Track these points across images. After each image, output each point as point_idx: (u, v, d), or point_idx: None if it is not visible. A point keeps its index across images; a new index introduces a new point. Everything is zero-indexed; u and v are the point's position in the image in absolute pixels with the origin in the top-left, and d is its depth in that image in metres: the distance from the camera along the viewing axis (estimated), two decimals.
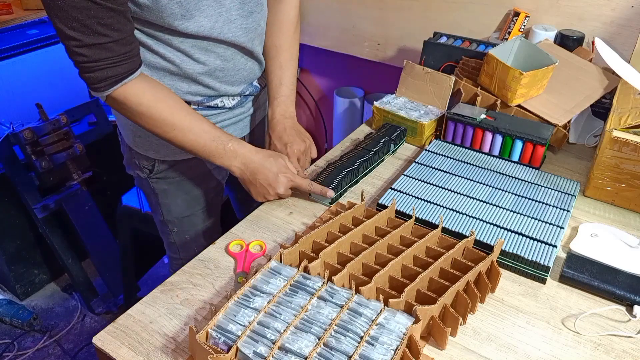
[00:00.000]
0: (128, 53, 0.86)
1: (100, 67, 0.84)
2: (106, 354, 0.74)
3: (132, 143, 1.10)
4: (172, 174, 1.13)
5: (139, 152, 1.10)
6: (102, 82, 0.86)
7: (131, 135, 1.09)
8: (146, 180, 1.15)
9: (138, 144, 1.09)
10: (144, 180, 1.16)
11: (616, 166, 1.02)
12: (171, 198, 1.16)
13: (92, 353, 1.90)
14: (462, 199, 1.00)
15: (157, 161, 1.11)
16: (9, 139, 1.74)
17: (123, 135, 1.12)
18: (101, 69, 0.84)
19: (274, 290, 0.75)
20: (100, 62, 0.84)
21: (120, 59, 0.85)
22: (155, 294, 0.84)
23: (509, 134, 1.11)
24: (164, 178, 1.14)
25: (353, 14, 1.91)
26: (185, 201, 1.18)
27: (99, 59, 0.83)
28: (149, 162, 1.12)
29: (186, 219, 1.19)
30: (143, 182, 1.17)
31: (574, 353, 0.75)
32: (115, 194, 1.84)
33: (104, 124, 2.07)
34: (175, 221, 1.20)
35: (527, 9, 1.55)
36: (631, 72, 1.12)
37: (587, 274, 0.85)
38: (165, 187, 1.15)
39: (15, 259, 2.01)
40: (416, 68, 1.29)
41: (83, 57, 0.83)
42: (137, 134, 1.07)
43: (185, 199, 1.18)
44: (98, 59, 0.83)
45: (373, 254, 0.84)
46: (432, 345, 0.75)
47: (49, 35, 2.02)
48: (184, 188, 1.16)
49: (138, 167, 1.14)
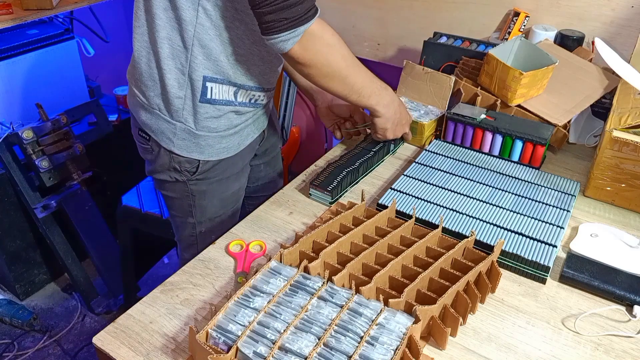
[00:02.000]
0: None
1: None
2: (106, 354, 0.74)
3: (174, 146, 1.08)
4: (212, 173, 1.14)
5: (182, 154, 1.09)
6: (307, 13, 0.90)
7: (174, 138, 1.07)
8: (184, 183, 1.14)
9: (182, 146, 1.08)
10: (180, 183, 1.14)
11: (616, 166, 1.02)
12: (208, 199, 1.17)
13: (92, 353, 1.90)
14: (462, 199, 1.00)
15: (201, 162, 1.11)
16: (9, 139, 1.74)
17: (158, 140, 1.09)
18: (295, 4, 0.88)
19: (274, 290, 0.75)
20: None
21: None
22: (155, 294, 0.84)
23: (509, 134, 1.11)
24: (204, 179, 1.13)
25: (353, 14, 1.91)
26: (221, 201, 1.19)
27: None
28: (192, 165, 1.11)
29: (217, 219, 1.20)
30: (177, 186, 1.15)
31: (574, 353, 0.75)
32: (115, 194, 1.84)
33: (104, 124, 2.07)
34: (207, 222, 1.20)
35: (527, 9, 1.55)
36: (631, 72, 1.12)
37: (587, 274, 0.85)
38: (205, 188, 1.15)
39: (15, 259, 2.01)
40: (416, 68, 1.29)
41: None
42: (181, 136, 1.07)
43: (221, 198, 1.18)
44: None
45: (373, 254, 0.84)
46: (432, 345, 0.75)
47: (49, 35, 2.02)
48: (222, 187, 1.17)
49: (177, 171, 1.12)
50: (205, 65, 1.00)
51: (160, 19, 0.97)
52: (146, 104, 1.07)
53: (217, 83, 1.03)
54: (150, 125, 1.09)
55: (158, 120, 1.07)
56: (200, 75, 1.01)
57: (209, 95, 1.03)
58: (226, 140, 1.11)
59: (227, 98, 1.05)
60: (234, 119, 1.09)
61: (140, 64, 1.04)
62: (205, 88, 1.02)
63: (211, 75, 1.01)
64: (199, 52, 0.99)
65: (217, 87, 1.03)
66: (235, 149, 1.13)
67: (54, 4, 1.78)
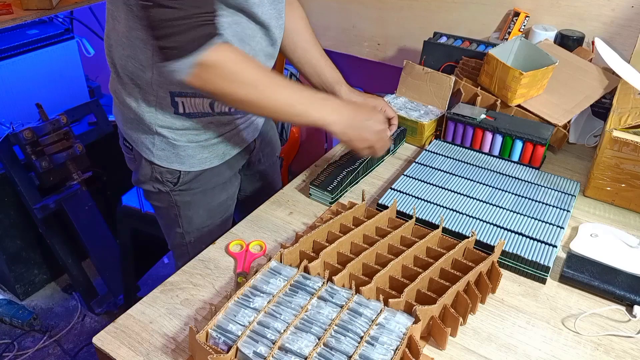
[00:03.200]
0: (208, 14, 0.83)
1: (187, 26, 0.80)
2: (106, 354, 0.74)
3: (154, 157, 1.05)
4: (196, 184, 1.10)
5: (163, 165, 1.06)
6: (192, 44, 0.82)
7: (153, 149, 1.04)
8: (167, 194, 1.10)
9: (162, 157, 1.05)
10: (164, 194, 1.11)
11: (616, 166, 1.02)
12: (194, 209, 1.13)
13: (92, 353, 1.90)
14: (462, 199, 1.00)
15: (182, 173, 1.07)
16: (9, 139, 1.74)
17: (139, 151, 1.06)
18: (187, 30, 0.80)
19: (274, 290, 0.75)
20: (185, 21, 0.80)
21: (200, 20, 0.81)
22: (155, 294, 0.84)
23: (509, 134, 1.11)
24: (187, 190, 1.10)
25: (353, 14, 1.91)
26: (207, 211, 1.16)
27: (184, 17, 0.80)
28: (173, 175, 1.07)
29: (206, 229, 1.17)
30: (162, 196, 1.12)
31: (574, 353, 0.75)
32: (115, 194, 1.84)
33: (104, 124, 2.07)
34: (195, 232, 1.17)
35: (527, 9, 1.55)
36: (631, 72, 1.12)
37: (587, 274, 0.85)
38: (189, 199, 1.12)
39: (15, 259, 2.00)
40: (416, 68, 1.29)
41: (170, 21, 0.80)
42: (160, 147, 1.03)
43: (207, 208, 1.15)
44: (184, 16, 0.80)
45: (373, 254, 0.84)
46: (432, 345, 0.75)
47: (49, 35, 2.02)
48: (207, 198, 1.13)
49: (159, 181, 1.09)
50: (171, 81, 0.94)
51: (125, 38, 0.93)
52: (126, 115, 1.04)
53: (188, 97, 0.97)
54: (131, 135, 1.05)
55: (137, 131, 1.04)
56: (166, 91, 0.96)
57: (181, 110, 0.99)
58: (208, 150, 1.07)
59: (202, 110, 1.00)
60: (215, 128, 1.05)
61: (117, 76, 1.00)
62: (175, 103, 0.97)
63: (179, 90, 0.96)
64: (160, 70, 0.93)
65: (188, 102, 0.98)
66: (220, 159, 1.09)
67: (54, 4, 1.78)
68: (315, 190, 1.05)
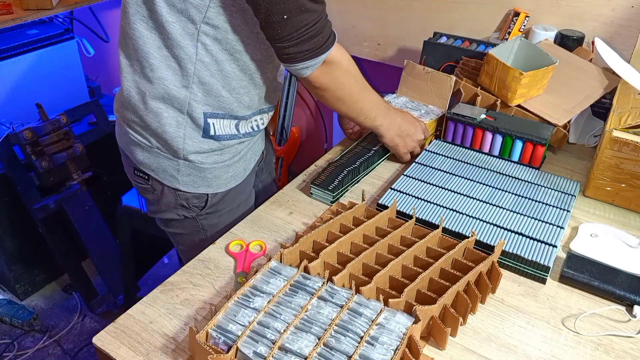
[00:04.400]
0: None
1: (320, 27, 0.87)
2: (106, 354, 0.74)
3: (179, 184, 1.03)
4: (222, 205, 1.09)
5: (188, 191, 1.04)
6: (327, 42, 0.89)
7: (178, 176, 1.02)
8: (193, 219, 1.09)
9: (187, 182, 1.03)
10: (189, 220, 1.09)
11: (616, 166, 1.02)
12: (221, 231, 1.10)
13: (92, 353, 1.90)
14: (462, 199, 1.00)
15: (209, 195, 1.06)
16: (9, 139, 1.74)
17: (160, 180, 1.03)
18: (321, 31, 0.87)
19: (274, 290, 0.75)
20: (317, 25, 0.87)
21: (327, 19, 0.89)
22: (155, 294, 0.84)
23: (509, 134, 1.11)
24: (214, 212, 1.09)
25: (353, 14, 1.91)
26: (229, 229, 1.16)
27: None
28: (200, 200, 1.06)
29: None
30: (186, 223, 1.10)
31: (574, 353, 0.75)
32: (115, 194, 1.83)
33: (104, 124, 2.07)
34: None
35: (527, 9, 1.55)
36: (631, 72, 1.12)
37: (587, 274, 0.85)
38: (216, 221, 1.10)
39: (15, 259, 2.01)
40: (417, 68, 1.29)
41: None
42: (186, 172, 1.02)
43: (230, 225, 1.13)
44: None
45: (373, 254, 0.84)
46: (432, 345, 0.75)
47: (49, 35, 2.02)
48: (232, 217, 1.12)
49: (185, 207, 1.07)
50: (206, 102, 0.96)
51: (154, 58, 0.91)
52: (142, 142, 1.01)
53: (219, 118, 0.99)
54: (149, 164, 1.02)
55: (158, 158, 1.01)
56: (200, 112, 0.96)
57: (212, 132, 0.99)
58: (233, 169, 1.07)
59: (229, 132, 1.02)
60: (238, 147, 1.06)
61: (130, 102, 0.98)
62: (207, 125, 0.98)
63: (211, 111, 0.97)
64: (199, 90, 0.94)
65: (219, 123, 0.99)
66: (242, 175, 1.10)
67: (54, 4, 1.78)
68: (317, 190, 1.05)
